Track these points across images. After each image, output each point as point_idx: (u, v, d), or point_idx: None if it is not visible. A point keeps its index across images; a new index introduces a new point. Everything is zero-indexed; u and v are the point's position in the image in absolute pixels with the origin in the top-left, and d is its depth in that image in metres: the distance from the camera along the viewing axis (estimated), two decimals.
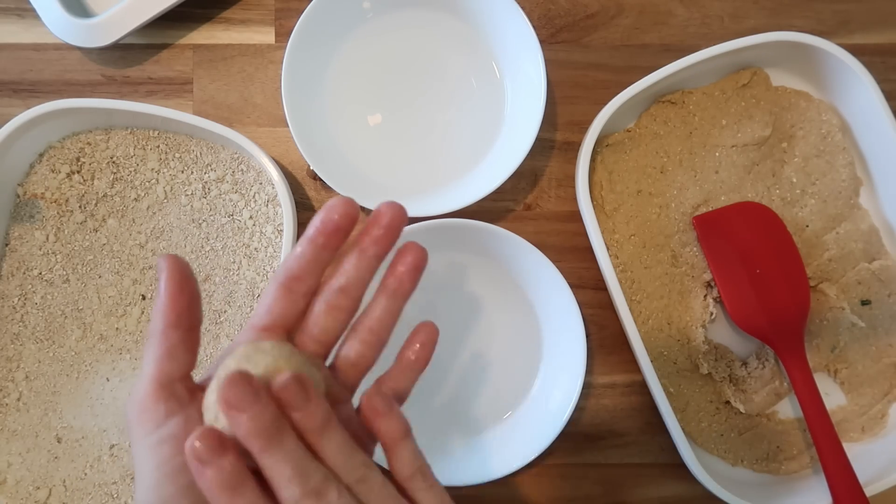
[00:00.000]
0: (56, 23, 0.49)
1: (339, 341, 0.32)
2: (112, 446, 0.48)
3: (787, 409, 0.51)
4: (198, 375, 0.30)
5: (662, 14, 0.54)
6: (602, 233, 0.48)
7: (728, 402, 0.50)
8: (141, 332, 0.49)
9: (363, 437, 0.31)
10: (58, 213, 0.49)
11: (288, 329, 0.30)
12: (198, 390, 0.29)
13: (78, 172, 0.50)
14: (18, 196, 0.50)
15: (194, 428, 0.26)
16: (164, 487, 0.26)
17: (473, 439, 0.49)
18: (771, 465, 0.49)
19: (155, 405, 0.28)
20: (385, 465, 0.29)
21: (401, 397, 0.33)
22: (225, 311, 0.49)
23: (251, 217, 0.50)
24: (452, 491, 0.49)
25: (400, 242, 0.46)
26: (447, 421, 0.50)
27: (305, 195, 0.52)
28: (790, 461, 0.49)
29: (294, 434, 0.26)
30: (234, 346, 0.29)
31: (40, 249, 0.49)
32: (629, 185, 0.51)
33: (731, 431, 0.50)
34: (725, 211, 0.50)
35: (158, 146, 0.50)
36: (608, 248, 0.48)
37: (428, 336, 0.33)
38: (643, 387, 0.49)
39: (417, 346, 0.32)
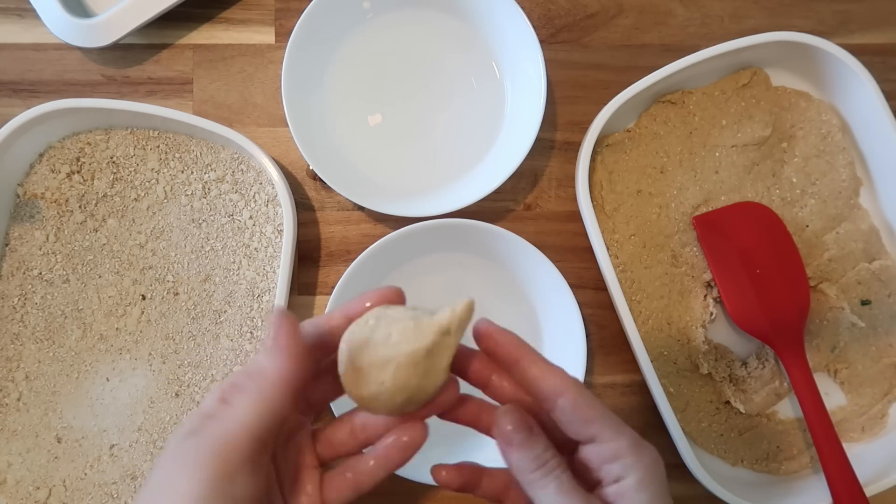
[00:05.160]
0: (56, 23, 0.49)
1: None
2: (112, 446, 0.48)
3: (787, 409, 0.51)
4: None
5: (662, 14, 0.54)
6: (602, 233, 0.48)
7: (728, 402, 0.50)
8: (141, 332, 0.49)
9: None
10: (58, 213, 0.49)
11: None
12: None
13: (78, 172, 0.50)
14: (18, 196, 0.50)
15: (259, 492, 0.27)
16: None
17: (475, 439, 0.49)
18: (771, 465, 0.49)
19: (237, 458, 0.27)
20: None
21: (358, 488, 0.32)
22: (225, 311, 0.49)
23: (251, 217, 0.50)
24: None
25: (401, 241, 0.46)
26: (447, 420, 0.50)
27: (305, 195, 0.52)
28: (790, 461, 0.49)
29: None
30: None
31: (40, 249, 0.49)
32: (629, 185, 0.51)
33: (731, 431, 0.50)
34: (725, 211, 0.50)
35: (158, 146, 0.50)
36: (608, 248, 0.48)
37: (412, 439, 0.31)
38: (643, 387, 0.49)
39: (395, 441, 0.31)
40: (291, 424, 0.32)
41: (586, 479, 0.30)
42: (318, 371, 0.32)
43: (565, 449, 0.32)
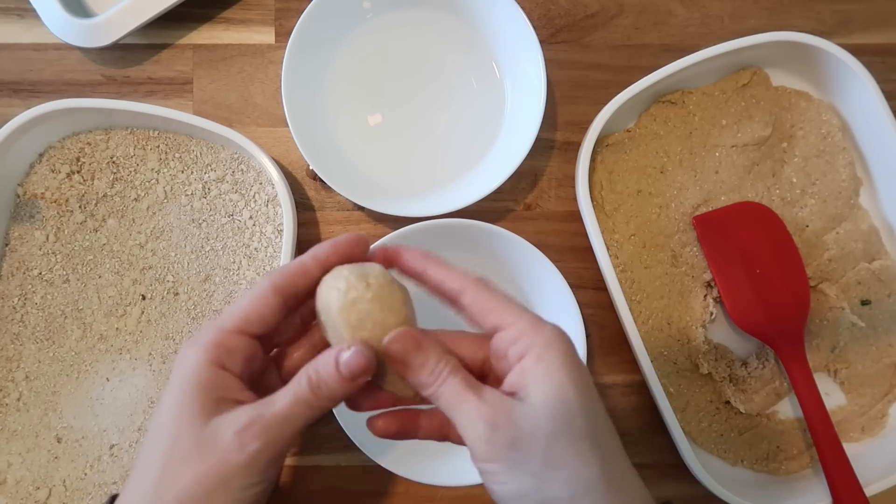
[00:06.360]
0: (56, 23, 0.49)
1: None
2: (112, 446, 0.48)
3: (787, 409, 0.51)
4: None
5: (662, 14, 0.54)
6: (602, 233, 0.48)
7: (728, 402, 0.50)
8: (141, 332, 0.49)
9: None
10: (58, 213, 0.49)
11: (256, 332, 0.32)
12: None
13: (78, 172, 0.50)
14: (18, 196, 0.50)
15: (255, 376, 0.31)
16: None
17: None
18: (771, 465, 0.49)
19: (281, 454, 0.30)
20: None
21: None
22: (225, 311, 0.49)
23: (251, 217, 0.50)
24: (453, 490, 0.49)
25: (401, 241, 0.46)
26: None
27: (305, 195, 0.52)
28: (790, 461, 0.49)
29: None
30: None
31: (40, 249, 0.49)
32: (629, 185, 0.51)
33: (731, 431, 0.50)
34: (725, 211, 0.50)
35: (158, 146, 0.50)
36: (608, 248, 0.48)
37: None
38: (643, 387, 0.49)
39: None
40: (261, 366, 0.33)
41: (502, 370, 0.31)
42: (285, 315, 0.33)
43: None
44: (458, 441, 0.33)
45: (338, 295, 0.30)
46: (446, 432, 0.34)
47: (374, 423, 0.33)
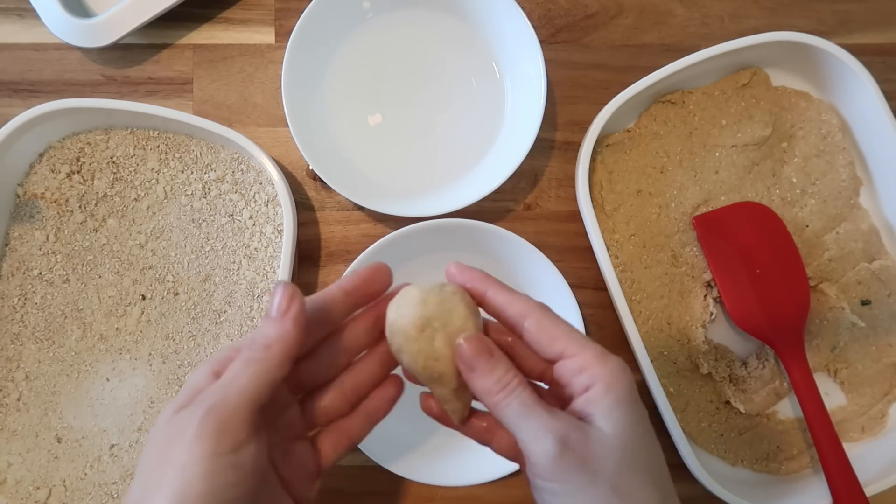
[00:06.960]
0: (56, 23, 0.49)
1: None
2: (112, 446, 0.48)
3: (787, 409, 0.51)
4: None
5: (662, 14, 0.54)
6: (602, 233, 0.48)
7: (728, 402, 0.50)
8: (141, 332, 0.49)
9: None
10: (58, 213, 0.49)
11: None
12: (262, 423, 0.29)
13: (78, 172, 0.50)
14: (18, 196, 0.50)
15: (262, 462, 0.28)
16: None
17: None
18: (771, 465, 0.49)
19: (240, 426, 0.27)
20: None
21: (353, 442, 0.34)
22: (225, 311, 0.49)
23: (251, 217, 0.50)
24: (453, 491, 0.49)
25: (401, 241, 0.46)
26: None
27: (305, 195, 0.52)
28: (790, 461, 0.49)
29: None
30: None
31: (40, 249, 0.49)
32: (629, 185, 0.51)
33: (731, 431, 0.50)
34: (725, 211, 0.50)
35: (158, 146, 0.50)
36: (608, 248, 0.48)
37: (389, 392, 0.34)
38: (643, 387, 0.49)
39: (383, 395, 0.34)
40: (281, 402, 0.32)
41: (562, 398, 0.31)
42: (311, 350, 0.33)
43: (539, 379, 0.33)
44: (503, 452, 0.34)
45: (420, 291, 0.31)
46: (490, 439, 0.34)
47: (426, 402, 0.34)
